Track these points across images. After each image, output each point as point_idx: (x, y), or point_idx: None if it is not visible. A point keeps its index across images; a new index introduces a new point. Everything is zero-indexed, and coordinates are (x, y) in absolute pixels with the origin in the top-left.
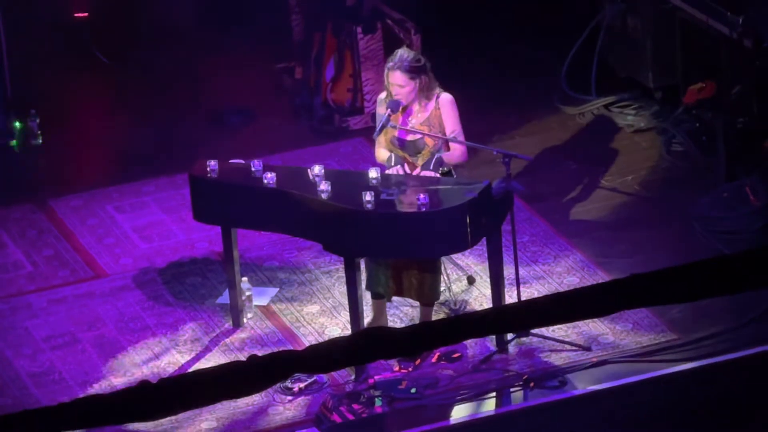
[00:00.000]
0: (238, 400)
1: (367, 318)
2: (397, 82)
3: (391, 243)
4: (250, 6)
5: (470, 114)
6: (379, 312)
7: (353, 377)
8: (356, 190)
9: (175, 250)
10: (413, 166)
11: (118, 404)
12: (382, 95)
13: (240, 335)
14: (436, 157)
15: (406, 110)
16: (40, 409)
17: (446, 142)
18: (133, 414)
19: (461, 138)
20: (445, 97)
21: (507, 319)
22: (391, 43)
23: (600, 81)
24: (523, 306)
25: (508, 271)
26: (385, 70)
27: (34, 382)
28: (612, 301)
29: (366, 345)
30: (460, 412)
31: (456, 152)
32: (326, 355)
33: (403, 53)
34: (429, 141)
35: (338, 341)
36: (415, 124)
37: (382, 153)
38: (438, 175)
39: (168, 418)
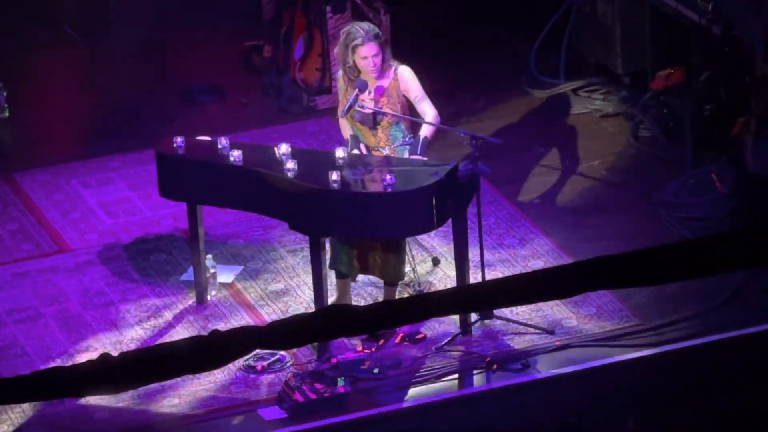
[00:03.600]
0: (201, 377)
1: (331, 298)
2: (373, 52)
3: (357, 223)
4: None
5: (438, 96)
6: (343, 291)
7: (316, 356)
8: (323, 170)
9: (140, 227)
10: (373, 148)
11: (79, 377)
12: (340, 72)
13: (204, 312)
14: (422, 139)
15: (377, 89)
16: (1, 379)
17: (406, 110)
18: (95, 387)
19: (427, 100)
20: (403, 68)
21: (469, 298)
22: (361, 21)
23: (569, 65)
24: (485, 286)
25: (473, 253)
26: (351, 47)
27: None
28: (575, 283)
29: (328, 322)
30: (422, 393)
31: (432, 119)
32: (288, 332)
33: (359, 27)
34: (387, 111)
35: (300, 318)
36: (374, 97)
37: (346, 130)
38: (425, 158)
39: (130, 395)
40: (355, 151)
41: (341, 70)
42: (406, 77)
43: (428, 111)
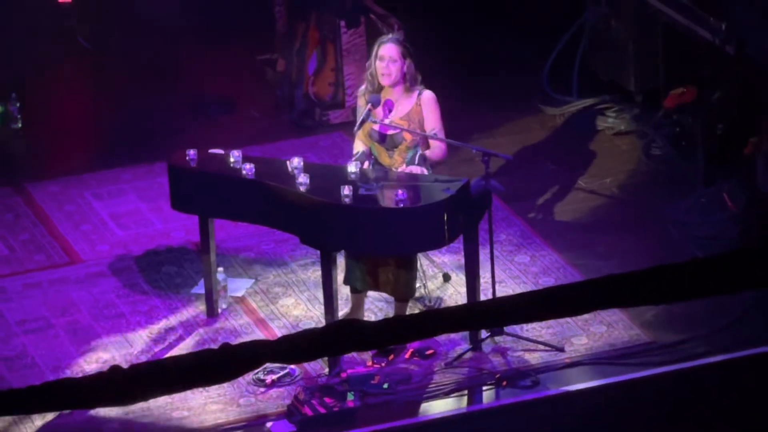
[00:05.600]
0: (210, 390)
1: (344, 311)
2: (390, 53)
3: (368, 238)
4: None
5: (451, 112)
6: (357, 306)
7: (326, 371)
8: (335, 184)
9: (151, 239)
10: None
11: (89, 388)
12: (362, 88)
13: (214, 325)
14: (418, 154)
15: (386, 104)
16: (11, 390)
17: (424, 139)
18: (104, 398)
19: (442, 135)
20: (428, 94)
21: (480, 314)
22: (375, 38)
23: (581, 83)
24: (496, 302)
25: (484, 270)
26: (375, 48)
27: (7, 366)
28: (586, 301)
29: (338, 336)
30: (431, 409)
31: (436, 150)
32: (299, 345)
33: (392, 34)
34: (407, 136)
35: (311, 332)
36: (394, 118)
37: (358, 147)
38: (424, 170)
39: (139, 407)
40: (366, 165)
41: (364, 85)
42: (429, 104)
43: (437, 144)
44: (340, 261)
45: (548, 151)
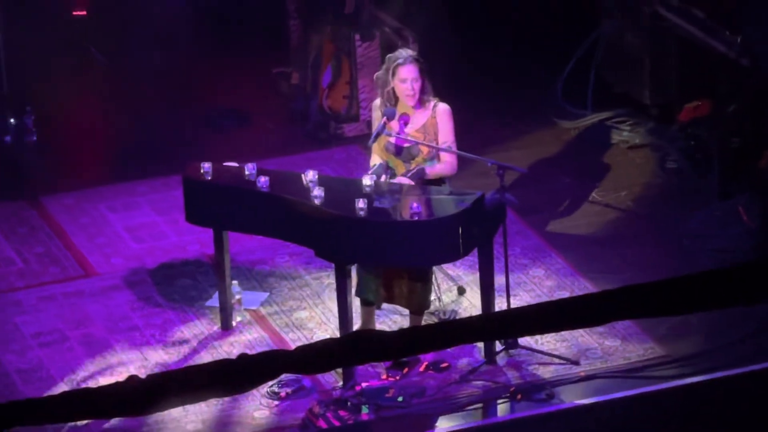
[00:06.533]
0: (225, 403)
1: (356, 325)
2: (412, 75)
3: (383, 251)
4: (249, 9)
5: (466, 125)
6: (368, 319)
7: (340, 384)
8: (349, 197)
9: (166, 252)
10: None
11: (106, 398)
12: (377, 101)
13: (229, 338)
14: (417, 167)
15: (402, 117)
16: (27, 400)
17: (452, 150)
18: (121, 408)
19: (454, 148)
20: (443, 107)
21: (494, 325)
22: (389, 51)
23: (596, 96)
24: (511, 313)
25: (499, 283)
26: (391, 68)
27: (22, 378)
28: (601, 312)
29: (354, 347)
30: (446, 422)
31: (444, 164)
32: (315, 356)
33: (402, 50)
34: (423, 148)
35: (327, 342)
36: (410, 130)
37: (373, 159)
38: (412, 183)
39: (153, 419)
40: (384, 178)
41: (379, 98)
42: (444, 117)
43: (446, 158)
44: (355, 274)
45: (563, 164)
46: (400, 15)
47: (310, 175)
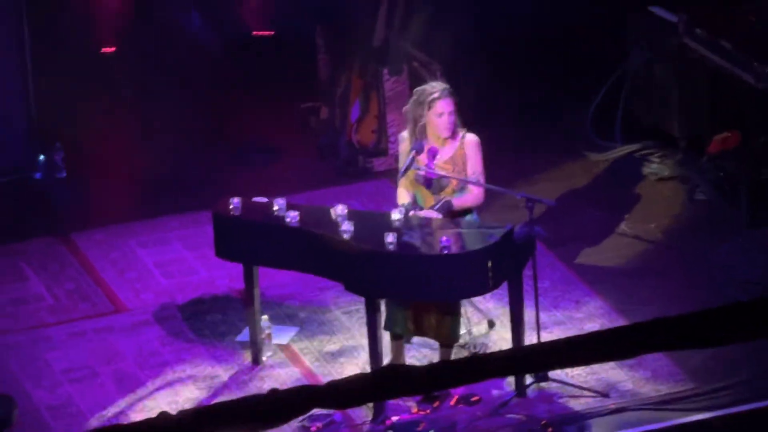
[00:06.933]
0: None
1: (387, 359)
2: (449, 109)
3: (413, 285)
4: (278, 44)
5: (494, 157)
6: (398, 353)
7: (371, 418)
8: (379, 231)
9: (196, 287)
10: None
11: None
12: (404, 133)
13: (259, 373)
14: (444, 200)
15: (430, 150)
16: None
17: (479, 183)
18: None
19: (482, 180)
20: (471, 138)
21: (525, 359)
22: (417, 85)
23: (625, 128)
24: (542, 347)
25: (529, 316)
26: (428, 102)
27: (52, 414)
28: (631, 345)
29: (385, 382)
30: None
31: (471, 195)
32: (346, 391)
33: (434, 83)
34: (453, 180)
35: (358, 377)
36: (439, 162)
37: (402, 195)
38: (439, 215)
39: None
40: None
41: (407, 130)
42: (473, 148)
43: (473, 189)
44: (384, 307)
45: (592, 196)
46: (425, 45)
47: (339, 210)
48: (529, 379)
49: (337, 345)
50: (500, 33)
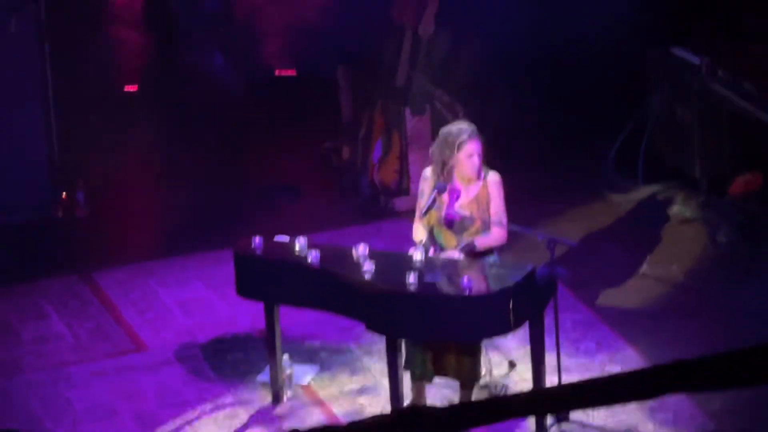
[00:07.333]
0: None
1: (407, 400)
2: (478, 149)
3: (434, 325)
4: (301, 84)
5: (516, 198)
6: (419, 393)
7: None
8: (400, 271)
9: (217, 326)
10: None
11: None
12: (427, 171)
13: (279, 412)
14: (467, 241)
15: (451, 190)
16: None
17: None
18: None
19: (504, 220)
20: (494, 177)
21: (546, 400)
22: (439, 125)
23: (648, 169)
24: (562, 388)
25: (550, 357)
26: (457, 144)
27: None
28: (652, 386)
29: (406, 422)
30: None
31: (494, 236)
32: (367, 431)
33: (461, 125)
34: (477, 221)
35: (379, 418)
36: (463, 201)
37: (419, 231)
38: (461, 255)
39: None
40: (431, 252)
41: (431, 169)
42: (495, 187)
43: (496, 229)
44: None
45: (614, 237)
46: (447, 85)
47: (360, 249)
48: (550, 420)
49: (357, 385)
50: (521, 72)
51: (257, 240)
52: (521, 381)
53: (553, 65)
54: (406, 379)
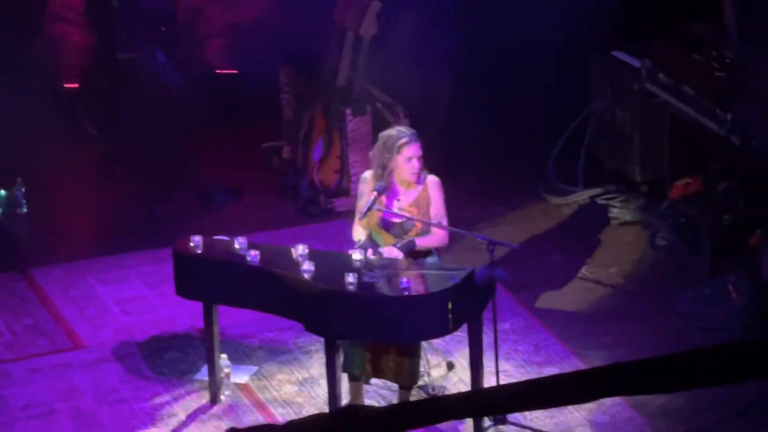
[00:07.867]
0: None
1: (345, 400)
2: (418, 152)
3: (372, 326)
4: (241, 84)
5: (457, 201)
6: (356, 394)
7: None
8: (339, 272)
9: (155, 325)
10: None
11: None
12: (366, 174)
13: (217, 411)
14: (407, 240)
15: (391, 192)
16: None
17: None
18: None
19: (444, 221)
20: (433, 179)
21: (484, 401)
22: (380, 126)
23: (587, 173)
24: (500, 389)
25: (488, 359)
26: (396, 147)
27: None
28: (590, 389)
29: (343, 422)
30: None
31: (435, 236)
32: (305, 430)
33: (402, 128)
34: (417, 223)
35: (316, 417)
36: (404, 205)
37: (358, 231)
38: (400, 255)
39: None
40: (370, 253)
41: (370, 172)
42: (435, 189)
43: (437, 230)
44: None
45: (553, 240)
46: (388, 86)
47: (300, 250)
48: (487, 421)
49: (295, 385)
50: (461, 75)
51: (196, 239)
52: (459, 383)
53: (495, 68)
54: (345, 380)
